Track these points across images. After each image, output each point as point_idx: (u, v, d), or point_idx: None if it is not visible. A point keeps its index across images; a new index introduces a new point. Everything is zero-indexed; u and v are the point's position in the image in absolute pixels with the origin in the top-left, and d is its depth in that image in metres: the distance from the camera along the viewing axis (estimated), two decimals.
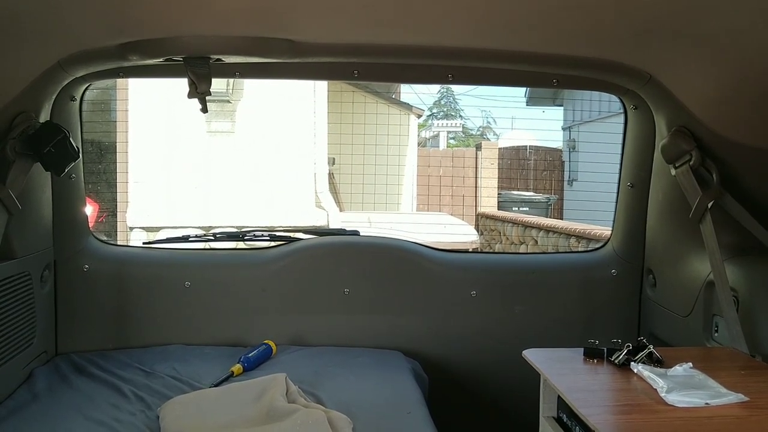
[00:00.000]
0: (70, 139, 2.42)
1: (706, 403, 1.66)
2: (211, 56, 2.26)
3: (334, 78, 4.86)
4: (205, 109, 2.35)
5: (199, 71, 2.26)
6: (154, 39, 2.17)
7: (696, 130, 2.29)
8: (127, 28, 2.13)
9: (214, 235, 3.29)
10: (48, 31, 2.02)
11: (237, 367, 2.68)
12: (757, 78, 1.89)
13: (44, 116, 2.50)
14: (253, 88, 8.07)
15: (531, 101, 19.37)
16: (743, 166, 2.24)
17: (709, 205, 2.27)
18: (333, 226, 8.02)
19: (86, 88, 2.79)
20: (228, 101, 7.96)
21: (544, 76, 2.66)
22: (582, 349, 2.04)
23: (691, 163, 2.31)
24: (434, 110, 34.30)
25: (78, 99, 2.77)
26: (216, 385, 2.55)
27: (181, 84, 2.33)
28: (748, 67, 1.89)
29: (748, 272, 2.29)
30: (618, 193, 2.98)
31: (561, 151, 17.13)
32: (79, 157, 2.57)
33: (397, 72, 2.78)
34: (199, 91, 2.28)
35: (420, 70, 2.73)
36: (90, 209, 6.35)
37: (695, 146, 2.30)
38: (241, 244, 3.90)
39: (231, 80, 7.55)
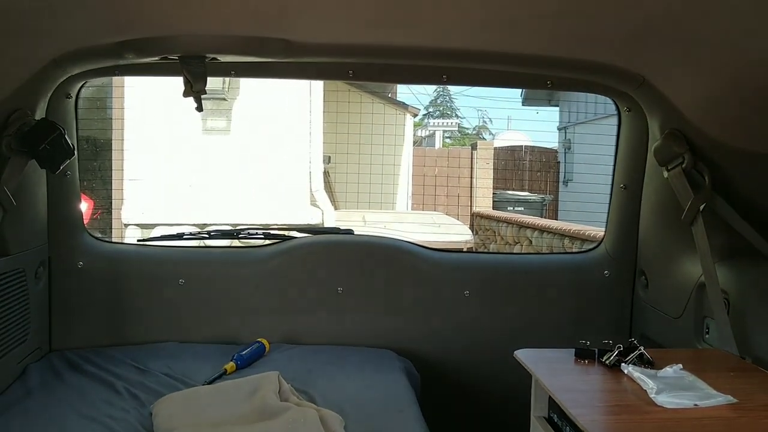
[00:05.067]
0: (66, 136, 2.42)
1: (695, 405, 1.67)
2: (207, 55, 2.27)
3: (329, 78, 4.86)
4: (200, 108, 2.36)
5: (195, 70, 2.26)
6: (150, 37, 2.17)
7: (688, 133, 2.30)
8: (122, 26, 2.13)
9: (208, 232, 3.30)
10: (44, 29, 2.02)
11: (230, 365, 2.69)
12: (749, 82, 1.90)
13: (40, 113, 2.50)
14: (249, 86, 8.07)
15: (527, 101, 19.37)
16: (735, 169, 2.26)
17: (701, 207, 2.28)
18: (328, 224, 8.03)
19: (82, 86, 2.79)
20: (224, 99, 7.95)
21: (538, 77, 2.68)
22: (573, 349, 2.05)
23: (683, 165, 2.32)
24: (430, 109, 34.30)
25: (74, 96, 2.77)
26: (209, 383, 2.56)
27: (177, 82, 2.34)
28: (740, 71, 1.90)
29: (738, 275, 2.30)
30: (611, 194, 2.99)
31: (556, 151, 17.16)
32: (74, 154, 2.57)
33: (391, 72, 2.79)
34: (195, 90, 2.29)
35: (414, 71, 2.74)
36: (85, 206, 6.35)
37: (687, 149, 2.31)
38: (235, 242, 3.90)
39: (227, 79, 7.54)
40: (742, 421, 1.62)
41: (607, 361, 1.96)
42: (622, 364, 1.93)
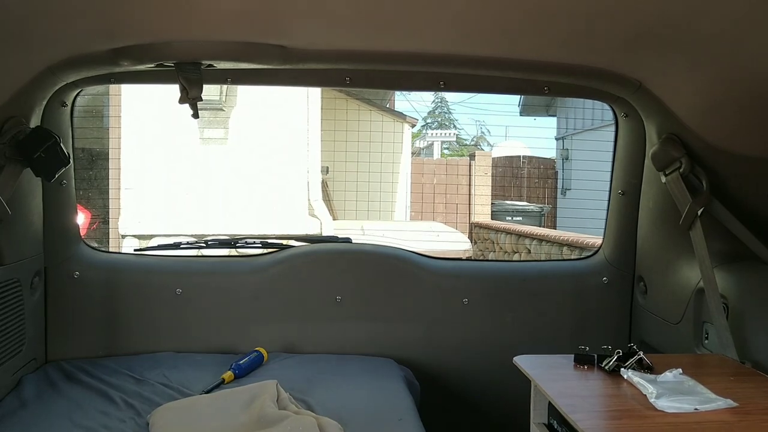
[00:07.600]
0: (61, 144, 2.42)
1: (696, 409, 1.66)
2: (203, 62, 2.26)
3: (326, 85, 4.85)
4: (196, 115, 2.35)
5: (191, 77, 2.26)
6: (145, 44, 2.16)
7: (685, 138, 2.30)
8: (117, 33, 2.12)
9: (205, 242, 3.28)
10: (38, 36, 2.01)
11: (228, 375, 2.67)
12: (745, 86, 1.90)
13: (35, 122, 2.49)
14: (246, 96, 8.07)
15: (524, 111, 19.43)
16: (732, 174, 2.25)
17: (699, 212, 2.28)
18: (326, 234, 8.02)
19: (77, 94, 2.78)
20: (221, 109, 7.94)
21: (535, 83, 2.67)
22: (572, 355, 2.04)
23: (681, 170, 2.32)
24: (428, 120, 34.36)
25: (69, 105, 2.76)
26: (207, 392, 2.54)
27: (174, 90, 2.33)
28: (736, 76, 1.90)
29: (737, 279, 2.29)
30: (609, 200, 2.98)
31: (554, 160, 17.19)
32: (69, 162, 2.56)
33: (389, 79, 2.79)
34: (190, 97, 2.28)
35: (412, 77, 2.73)
36: (82, 218, 6.33)
37: (685, 153, 2.30)
38: (233, 252, 3.89)
39: (224, 88, 7.54)
40: (743, 425, 1.61)
41: (607, 367, 1.95)
42: (622, 369, 1.92)
